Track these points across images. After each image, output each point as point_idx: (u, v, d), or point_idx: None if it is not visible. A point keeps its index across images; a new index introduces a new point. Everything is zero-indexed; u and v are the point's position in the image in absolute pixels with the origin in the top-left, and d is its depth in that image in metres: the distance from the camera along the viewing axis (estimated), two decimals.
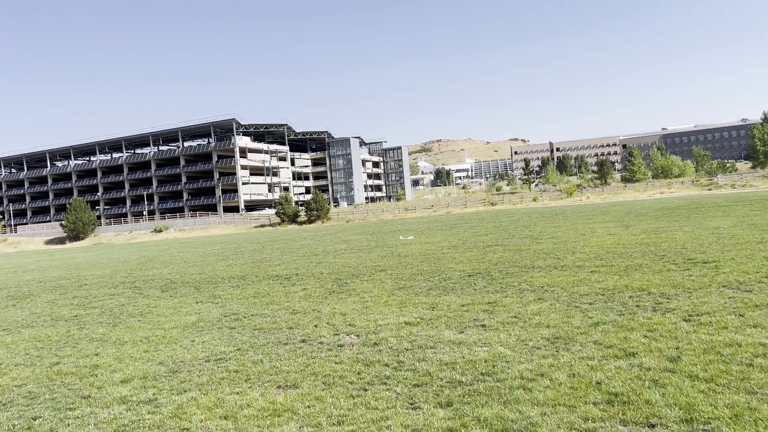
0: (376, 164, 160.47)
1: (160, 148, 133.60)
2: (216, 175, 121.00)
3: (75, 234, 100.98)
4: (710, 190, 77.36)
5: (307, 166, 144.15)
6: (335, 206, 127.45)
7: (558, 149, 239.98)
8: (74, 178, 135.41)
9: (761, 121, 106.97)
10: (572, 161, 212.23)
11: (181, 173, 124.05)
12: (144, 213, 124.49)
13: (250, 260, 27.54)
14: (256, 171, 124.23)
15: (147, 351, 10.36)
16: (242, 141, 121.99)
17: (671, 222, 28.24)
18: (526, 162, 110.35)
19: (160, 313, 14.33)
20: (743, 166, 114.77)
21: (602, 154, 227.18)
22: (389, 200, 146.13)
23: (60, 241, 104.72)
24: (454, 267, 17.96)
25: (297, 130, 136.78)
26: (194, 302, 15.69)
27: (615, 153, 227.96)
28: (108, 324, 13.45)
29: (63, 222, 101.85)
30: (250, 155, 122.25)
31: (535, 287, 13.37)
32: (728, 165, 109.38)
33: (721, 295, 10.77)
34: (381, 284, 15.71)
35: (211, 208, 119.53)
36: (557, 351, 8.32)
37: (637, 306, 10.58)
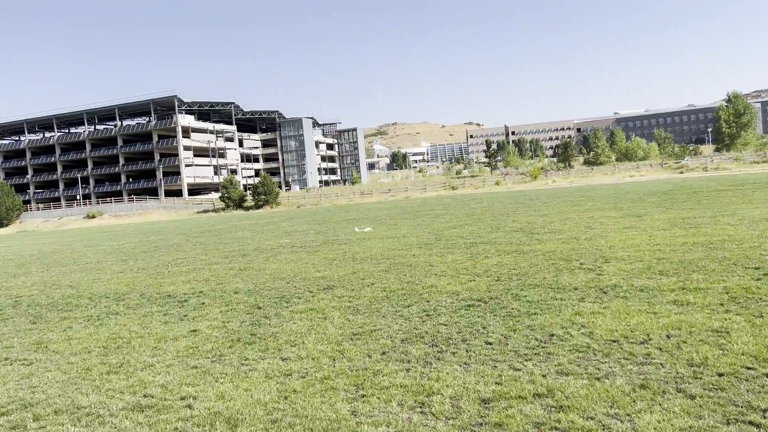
0: (330, 146, 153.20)
1: (96, 127, 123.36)
2: (157, 157, 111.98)
3: None
4: (682, 173, 73.56)
5: (256, 148, 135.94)
6: (287, 190, 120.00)
7: (513, 133, 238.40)
8: (0, 159, 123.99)
9: (726, 103, 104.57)
10: (527, 145, 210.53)
11: (118, 154, 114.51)
12: (78, 197, 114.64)
13: (156, 263, 20.80)
14: (200, 152, 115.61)
15: None
16: (185, 120, 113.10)
17: (690, 211, 22.76)
18: (488, 143, 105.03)
19: None
20: (707, 148, 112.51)
21: (557, 138, 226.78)
22: (344, 184, 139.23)
23: None
24: (438, 286, 11.79)
25: (245, 110, 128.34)
26: None
27: (569, 137, 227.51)
28: None
29: None
30: (194, 135, 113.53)
31: (607, 343, 7.29)
32: (692, 148, 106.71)
33: None
34: (323, 325, 9.41)
35: (152, 192, 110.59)
36: None
37: None
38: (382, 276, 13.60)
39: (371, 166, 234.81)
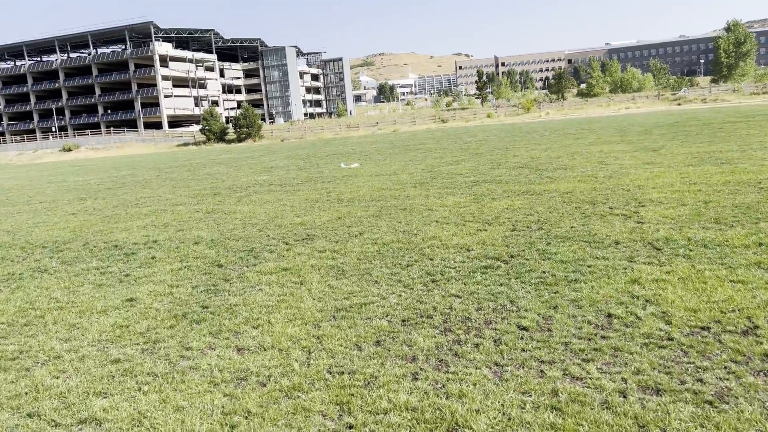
0: (315, 77, 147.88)
1: (70, 55, 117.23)
2: (134, 87, 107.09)
3: None
4: (679, 105, 71.03)
5: (238, 78, 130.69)
6: (271, 123, 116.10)
7: (503, 64, 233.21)
8: None
9: (725, 31, 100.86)
10: (517, 77, 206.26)
11: (94, 84, 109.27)
12: (54, 129, 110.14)
13: (116, 202, 18.38)
14: (180, 82, 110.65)
15: None
16: (163, 48, 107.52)
17: (711, 144, 20.53)
18: (479, 73, 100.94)
19: None
20: (702, 80, 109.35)
21: (547, 69, 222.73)
22: (330, 117, 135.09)
23: None
24: (442, 237, 9.58)
25: (226, 38, 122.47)
26: None
27: (560, 68, 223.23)
28: None
29: None
30: (172, 64, 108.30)
31: (695, 332, 5.15)
32: (688, 79, 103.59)
33: None
34: (297, 293, 7.21)
35: (131, 124, 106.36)
36: None
37: None
38: (373, 223, 11.35)
39: (357, 99, 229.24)
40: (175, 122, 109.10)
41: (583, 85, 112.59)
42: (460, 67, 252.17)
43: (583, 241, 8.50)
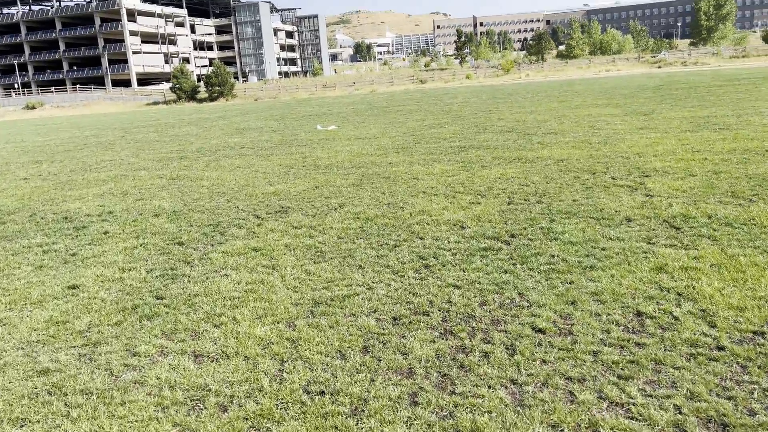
0: (289, 35, 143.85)
1: (32, 7, 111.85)
2: (101, 42, 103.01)
3: None
4: (660, 67, 70.40)
5: (210, 35, 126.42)
6: (244, 81, 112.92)
7: (482, 24, 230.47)
8: None
9: None
10: (496, 37, 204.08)
11: (58, 39, 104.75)
12: (16, 86, 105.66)
13: (73, 166, 17.01)
14: (149, 38, 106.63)
15: None
16: (130, 1, 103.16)
17: (703, 109, 19.74)
18: (459, 33, 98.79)
19: None
20: (681, 42, 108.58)
21: (525, 30, 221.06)
22: (305, 76, 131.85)
23: None
24: (432, 211, 8.60)
25: None
26: None
27: (539, 29, 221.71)
28: None
29: None
30: (140, 19, 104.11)
31: (747, 339, 4.28)
32: (666, 42, 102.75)
33: None
34: (269, 281, 6.20)
35: (99, 82, 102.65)
36: None
37: None
38: (354, 193, 10.31)
39: (333, 57, 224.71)
40: (145, 80, 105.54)
41: (562, 47, 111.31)
42: (438, 27, 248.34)
43: (591, 218, 7.59)
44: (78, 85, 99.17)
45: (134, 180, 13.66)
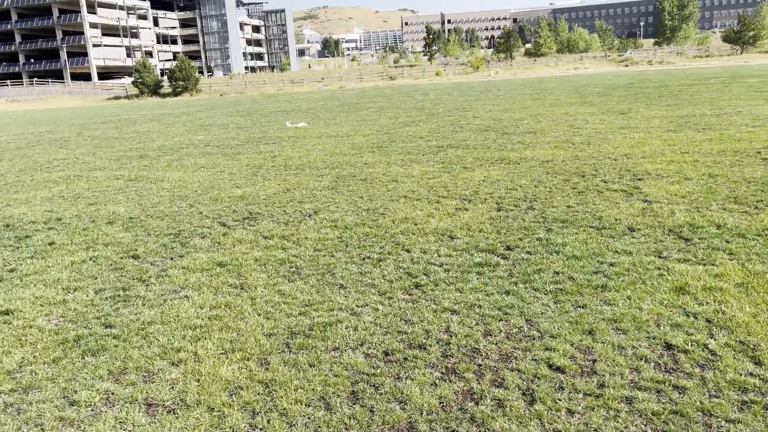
0: (256, 29, 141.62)
1: None
2: (59, 35, 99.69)
3: None
4: (627, 66, 71.01)
5: (174, 28, 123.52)
6: (209, 76, 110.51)
7: (449, 21, 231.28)
8: None
9: None
10: (463, 35, 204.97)
11: (13, 30, 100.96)
12: None
13: (23, 165, 15.79)
14: (110, 31, 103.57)
15: None
16: None
17: (680, 108, 19.47)
18: (428, 29, 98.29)
19: None
20: (646, 42, 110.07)
21: (493, 28, 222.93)
22: (272, 71, 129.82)
23: None
24: (416, 219, 7.87)
25: None
26: None
27: (505, 27, 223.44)
28: None
29: None
30: (101, 11, 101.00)
31: None
32: (632, 41, 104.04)
33: None
34: (236, 305, 5.39)
35: (57, 75, 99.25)
36: None
37: None
38: (329, 198, 9.53)
39: (301, 53, 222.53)
40: (106, 74, 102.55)
41: (528, 45, 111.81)
42: (407, 23, 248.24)
43: (590, 227, 6.97)
44: (35, 79, 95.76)
45: (88, 181, 12.62)
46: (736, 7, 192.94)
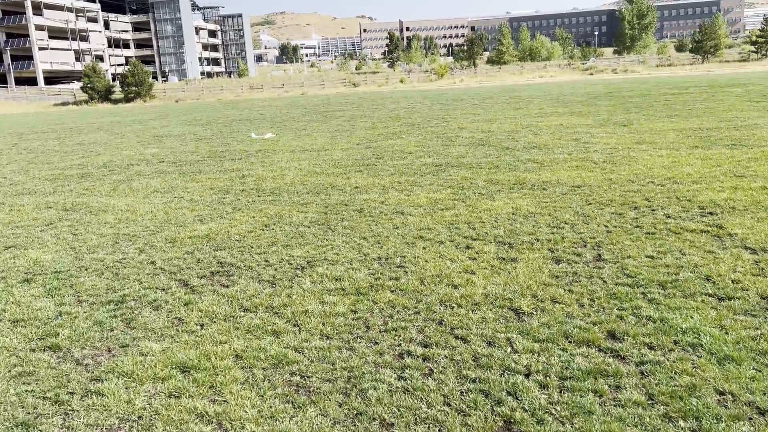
0: (213, 33, 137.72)
1: None
2: (2, 37, 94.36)
3: None
4: (592, 74, 70.66)
5: (126, 31, 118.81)
6: (164, 81, 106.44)
7: (408, 29, 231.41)
8: None
9: (627, 2, 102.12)
10: (422, 42, 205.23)
11: None
12: None
13: None
14: (58, 34, 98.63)
15: None
16: None
17: (686, 120, 17.96)
18: (391, 36, 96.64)
19: None
20: (605, 51, 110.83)
21: (452, 36, 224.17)
22: (229, 76, 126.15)
23: None
24: (454, 276, 5.76)
25: None
26: None
27: (463, 35, 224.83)
28: None
29: None
30: (47, 12, 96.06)
31: None
32: (592, 49, 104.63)
33: None
34: None
35: (1, 80, 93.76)
36: None
37: None
38: (322, 238, 7.37)
39: (258, 59, 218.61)
40: (54, 78, 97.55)
41: (487, 53, 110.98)
42: (365, 30, 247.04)
43: (705, 295, 5.00)
44: None
45: (11, 211, 10.12)
46: (685, 18, 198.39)
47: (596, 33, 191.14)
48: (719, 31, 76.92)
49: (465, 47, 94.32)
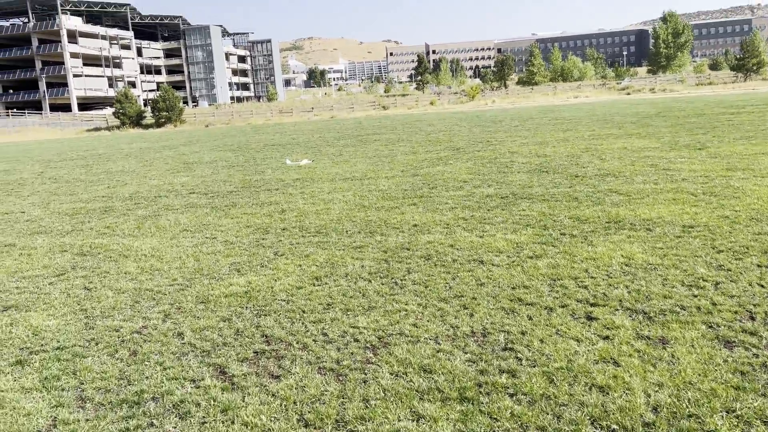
0: (242, 59, 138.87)
1: None
2: (38, 65, 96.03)
3: None
4: (629, 94, 68.53)
5: (158, 58, 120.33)
6: (194, 106, 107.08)
7: (434, 52, 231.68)
8: None
9: (662, 21, 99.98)
10: (448, 65, 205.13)
11: None
12: None
13: None
14: (92, 61, 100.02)
15: None
16: (71, 22, 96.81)
17: (765, 140, 16.13)
18: (420, 58, 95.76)
19: None
20: (642, 70, 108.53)
21: (478, 58, 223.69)
22: (258, 101, 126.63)
23: None
24: (591, 369, 4.16)
25: (144, 14, 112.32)
26: None
27: (490, 57, 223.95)
28: None
29: None
30: (82, 41, 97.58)
31: None
32: (626, 69, 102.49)
33: None
34: None
35: (35, 106, 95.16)
36: None
37: None
38: (389, 298, 5.81)
39: (287, 83, 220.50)
40: (87, 104, 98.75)
41: (514, 75, 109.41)
42: (391, 54, 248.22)
43: None
44: (13, 110, 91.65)
45: (20, 257, 8.79)
46: (716, 37, 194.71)
47: (625, 53, 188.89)
48: (761, 47, 74.40)
49: (494, 68, 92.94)
